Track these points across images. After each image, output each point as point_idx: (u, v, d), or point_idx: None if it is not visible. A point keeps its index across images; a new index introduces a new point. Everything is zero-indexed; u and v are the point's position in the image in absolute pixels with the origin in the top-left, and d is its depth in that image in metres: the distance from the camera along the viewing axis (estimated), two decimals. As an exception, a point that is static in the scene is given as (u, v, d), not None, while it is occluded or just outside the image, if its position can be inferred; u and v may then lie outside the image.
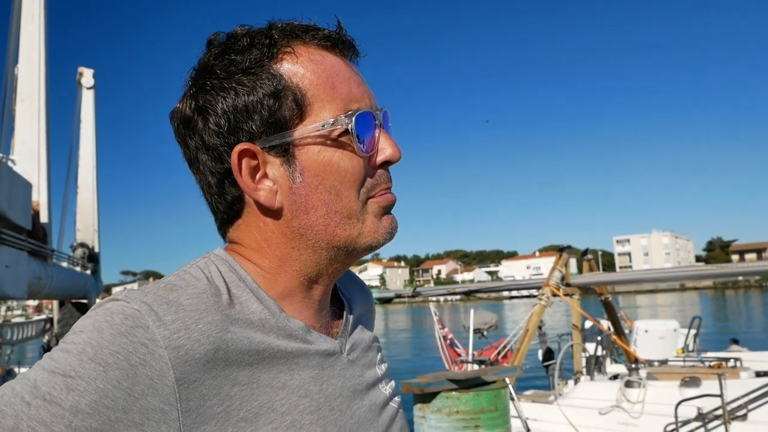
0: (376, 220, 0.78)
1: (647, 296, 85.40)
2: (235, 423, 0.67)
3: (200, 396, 0.64)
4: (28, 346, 22.21)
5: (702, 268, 9.48)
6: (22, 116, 13.06)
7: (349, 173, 0.76)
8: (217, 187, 0.77)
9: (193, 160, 0.78)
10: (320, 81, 0.75)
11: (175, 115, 0.79)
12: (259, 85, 0.73)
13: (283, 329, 0.73)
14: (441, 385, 5.46)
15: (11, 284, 9.17)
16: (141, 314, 0.64)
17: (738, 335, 13.39)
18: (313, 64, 0.76)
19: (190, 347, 0.64)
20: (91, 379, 0.59)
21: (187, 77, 0.79)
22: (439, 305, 70.16)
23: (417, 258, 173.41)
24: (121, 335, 0.62)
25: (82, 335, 0.63)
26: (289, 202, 0.75)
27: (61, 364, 0.61)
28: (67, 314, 16.37)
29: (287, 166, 0.75)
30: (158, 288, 0.68)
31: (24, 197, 10.23)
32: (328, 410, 0.75)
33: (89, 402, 0.59)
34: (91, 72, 19.54)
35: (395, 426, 0.86)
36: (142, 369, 0.61)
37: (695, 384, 6.33)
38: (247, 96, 0.73)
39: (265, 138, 0.74)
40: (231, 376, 0.67)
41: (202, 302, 0.68)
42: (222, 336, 0.67)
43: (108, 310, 0.64)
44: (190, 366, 0.64)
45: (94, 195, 19.10)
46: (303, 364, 0.74)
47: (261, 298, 0.74)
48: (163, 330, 0.63)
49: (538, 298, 8.58)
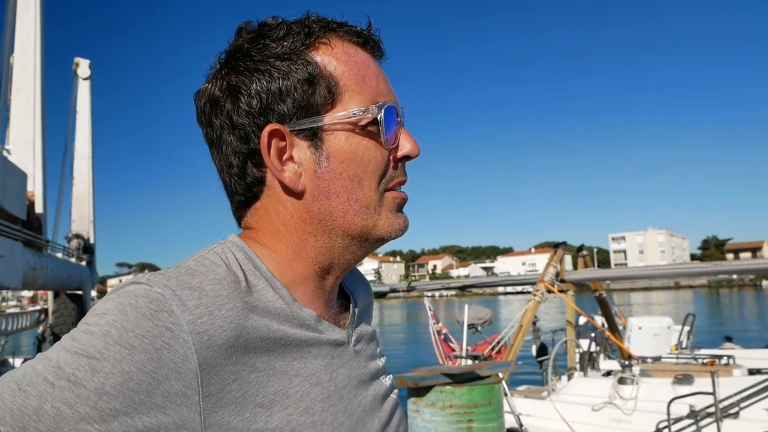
0: (390, 214, 0.80)
1: (642, 294, 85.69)
2: (252, 408, 0.68)
3: (220, 381, 0.65)
4: (23, 336, 22.18)
5: (696, 266, 9.53)
6: (18, 106, 13.00)
7: (372, 163, 0.78)
8: (239, 167, 0.78)
9: (215, 140, 0.79)
10: (352, 72, 0.78)
11: (201, 94, 0.80)
12: (294, 70, 0.76)
13: (296, 318, 0.75)
14: (435, 380, 5.47)
15: (6, 274, 9.15)
16: (165, 298, 0.64)
17: (731, 333, 13.46)
18: (346, 56, 0.79)
19: (213, 333, 0.65)
20: (116, 362, 0.60)
21: (217, 59, 0.81)
22: (434, 300, 70.31)
23: (413, 253, 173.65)
24: (146, 318, 0.62)
25: (106, 317, 0.63)
26: (312, 186, 0.77)
27: (85, 346, 0.61)
28: (62, 305, 16.35)
29: (314, 150, 0.77)
30: (179, 273, 0.68)
31: (19, 187, 10.20)
32: (338, 398, 0.76)
33: (114, 384, 0.59)
34: (87, 63, 19.47)
35: (396, 417, 0.88)
36: (167, 353, 0.62)
37: (688, 381, 6.36)
38: (281, 80, 0.75)
39: (295, 121, 0.76)
40: (249, 363, 0.68)
41: (224, 288, 0.68)
42: (243, 323, 0.68)
43: (131, 293, 0.65)
44: (213, 351, 0.65)
45: (89, 186, 19.05)
46: (315, 353, 0.76)
47: (275, 287, 0.75)
48: (188, 315, 0.64)
49: (533, 294, 8.59)
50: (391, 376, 0.93)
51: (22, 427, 0.57)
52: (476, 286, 12.60)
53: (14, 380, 0.60)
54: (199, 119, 0.81)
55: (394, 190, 0.81)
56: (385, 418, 0.84)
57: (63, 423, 0.58)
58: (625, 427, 6.40)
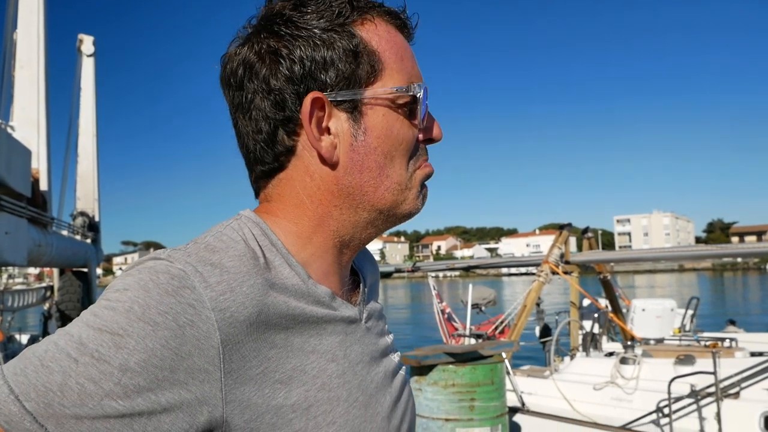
0: (417, 191, 0.81)
1: (646, 276, 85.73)
2: (271, 384, 0.68)
3: (241, 357, 0.65)
4: (29, 313, 22.34)
5: (701, 248, 9.48)
6: (22, 83, 12.97)
7: (405, 141, 0.79)
8: (269, 134, 0.76)
9: (243, 105, 0.77)
10: (392, 51, 0.79)
11: (232, 56, 0.78)
12: (340, 41, 0.75)
13: (312, 295, 0.74)
14: (438, 358, 5.50)
15: (11, 251, 9.20)
16: (187, 275, 0.64)
17: (735, 317, 13.45)
18: (387, 35, 0.79)
19: (235, 309, 0.65)
20: (140, 338, 0.60)
21: (249, 23, 0.79)
22: (438, 281, 70.43)
23: (417, 233, 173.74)
24: (168, 295, 0.62)
25: (128, 293, 0.62)
26: (346, 159, 0.77)
27: (108, 322, 0.61)
28: (68, 283, 16.43)
29: (352, 123, 0.76)
30: (199, 249, 0.68)
31: (23, 164, 10.21)
32: (352, 375, 0.76)
33: (138, 360, 0.59)
34: (91, 39, 19.35)
35: (405, 393, 0.88)
36: (190, 330, 0.62)
37: (689, 362, 6.37)
38: (326, 49, 0.75)
39: (337, 92, 0.75)
40: (269, 339, 0.68)
41: (244, 265, 0.68)
42: (263, 299, 0.68)
43: (152, 269, 0.64)
44: (235, 328, 0.65)
45: (94, 164, 19.05)
46: (330, 330, 0.76)
47: (291, 263, 0.74)
48: (210, 292, 0.64)
49: (537, 275, 8.59)
50: (399, 353, 0.93)
51: (47, 403, 0.57)
52: (481, 266, 12.62)
53: (36, 356, 0.60)
54: (227, 82, 0.79)
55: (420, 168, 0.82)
56: (396, 393, 0.85)
57: (87, 399, 0.58)
58: (626, 405, 6.43)
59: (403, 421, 0.86)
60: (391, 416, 0.82)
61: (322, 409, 0.71)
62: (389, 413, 0.82)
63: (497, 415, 5.45)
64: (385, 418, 0.80)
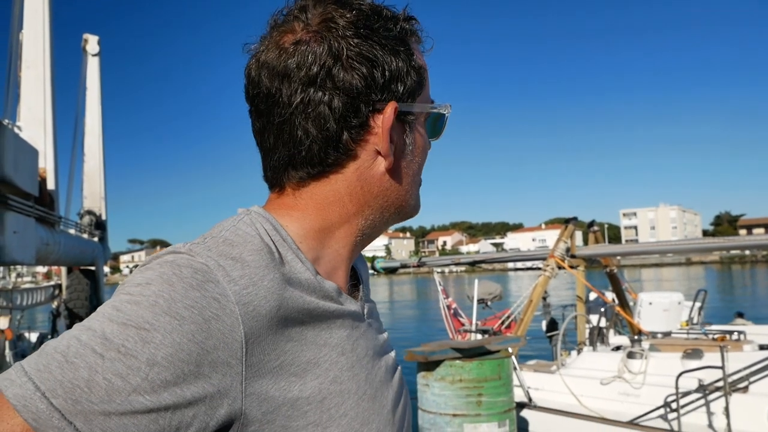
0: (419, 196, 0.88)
1: (653, 270, 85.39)
2: (287, 378, 0.69)
3: (261, 351, 0.66)
4: (38, 311, 22.46)
5: (708, 241, 9.45)
6: (28, 83, 13.01)
7: (426, 152, 0.86)
8: (334, 136, 0.75)
9: (309, 103, 0.74)
10: (426, 69, 0.83)
11: (308, 50, 0.74)
12: (409, 55, 0.78)
13: (321, 290, 0.75)
14: (445, 354, 5.50)
15: (19, 249, 9.24)
16: (210, 269, 0.64)
17: (743, 309, 13.39)
18: (423, 55, 0.84)
19: (258, 303, 0.66)
20: (166, 333, 0.60)
21: (306, 17, 0.76)
22: (444, 276, 70.30)
23: (422, 229, 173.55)
24: (193, 289, 0.62)
25: (151, 287, 0.62)
26: (396, 166, 0.80)
27: (132, 317, 0.60)
28: (76, 281, 16.53)
29: (408, 134, 0.81)
30: (218, 243, 0.68)
31: (31, 164, 10.24)
32: (360, 368, 0.78)
33: (165, 355, 0.59)
34: (96, 39, 19.42)
35: (403, 387, 0.90)
36: (215, 324, 0.62)
37: (697, 356, 6.35)
38: (402, 61, 0.77)
39: (402, 103, 0.78)
40: (286, 333, 0.69)
41: (262, 259, 0.69)
42: (283, 293, 0.69)
43: (173, 264, 0.64)
44: (257, 322, 0.65)
45: (100, 163, 19.13)
46: (339, 324, 0.77)
47: (301, 259, 0.75)
48: (233, 286, 0.64)
49: (543, 269, 8.57)
50: (394, 350, 0.95)
51: (75, 400, 0.57)
52: (487, 261, 12.59)
53: (58, 351, 0.59)
54: (287, 75, 0.74)
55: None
56: (396, 388, 0.86)
57: (115, 395, 0.57)
58: (633, 400, 6.41)
59: (404, 415, 0.87)
60: (395, 410, 0.84)
61: (334, 402, 0.72)
62: (393, 406, 0.83)
63: (505, 411, 5.45)
64: (390, 411, 0.82)
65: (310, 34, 0.75)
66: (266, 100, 0.77)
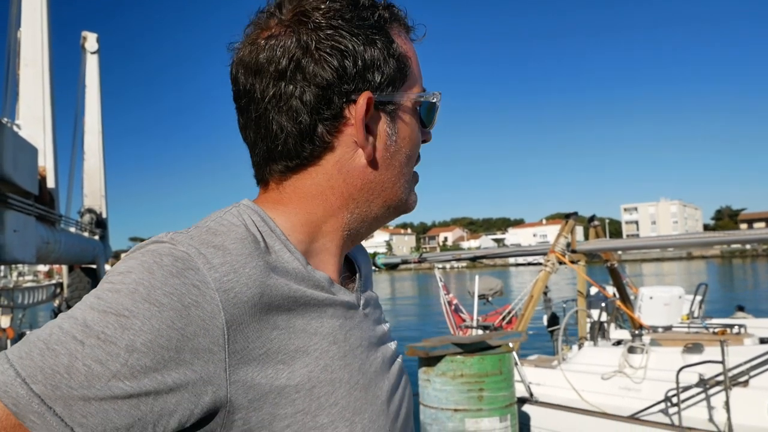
0: (414, 191, 0.87)
1: (654, 264, 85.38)
2: (274, 365, 0.69)
3: (245, 338, 0.66)
4: (39, 310, 22.49)
5: (709, 235, 9.45)
6: (26, 81, 13.01)
7: (417, 144, 0.84)
8: (307, 129, 0.75)
9: (281, 97, 0.75)
10: (414, 58, 0.83)
11: (271, 46, 0.75)
12: (387, 43, 0.78)
13: (311, 279, 0.76)
14: (446, 349, 5.50)
15: (19, 248, 9.25)
16: (190, 256, 0.65)
17: (744, 303, 13.38)
18: (411, 43, 0.84)
19: (239, 290, 0.66)
20: (146, 319, 0.60)
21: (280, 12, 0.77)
22: (445, 272, 70.45)
23: (423, 225, 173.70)
24: (173, 276, 0.63)
25: (131, 275, 0.63)
26: (378, 158, 0.79)
27: (112, 304, 0.61)
28: (77, 279, 16.55)
29: (389, 124, 0.79)
30: (201, 232, 0.69)
31: (30, 162, 10.24)
32: (353, 358, 0.78)
33: (144, 341, 0.60)
34: (95, 36, 19.39)
35: (402, 380, 0.90)
36: (195, 310, 0.63)
37: (698, 350, 6.35)
38: (378, 50, 0.77)
39: (380, 93, 0.77)
40: (272, 321, 0.69)
41: (245, 247, 0.69)
42: (266, 281, 0.69)
43: (155, 252, 0.65)
44: (239, 309, 0.66)
45: (100, 161, 19.13)
46: (330, 313, 0.77)
47: (290, 249, 0.76)
48: (214, 273, 0.65)
49: (544, 265, 8.57)
50: (395, 342, 0.95)
51: (54, 385, 0.57)
52: (488, 256, 12.57)
53: (40, 339, 0.60)
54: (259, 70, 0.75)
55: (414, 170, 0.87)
56: (393, 380, 0.86)
57: (95, 380, 0.58)
58: (634, 395, 6.42)
59: (401, 407, 0.87)
60: (390, 401, 0.83)
61: (324, 390, 0.72)
62: (388, 397, 0.83)
63: (506, 405, 5.46)
64: (385, 402, 0.81)
65: (281, 28, 0.76)
66: (245, 97, 0.78)
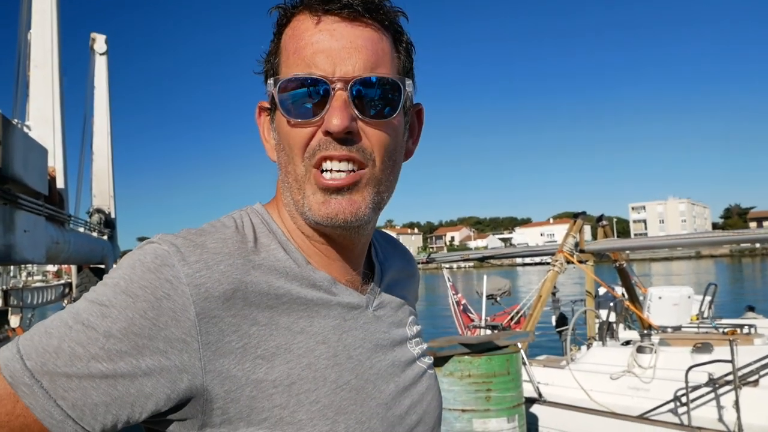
0: (315, 196, 0.76)
1: (662, 264, 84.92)
2: (252, 359, 0.72)
3: (219, 331, 0.71)
4: (49, 310, 22.61)
5: (718, 234, 9.38)
6: (36, 82, 13.08)
7: (289, 137, 0.76)
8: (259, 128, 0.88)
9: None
10: (295, 46, 0.76)
11: None
12: (277, 38, 0.81)
13: (307, 279, 0.78)
14: (453, 349, 5.49)
15: (30, 248, 9.30)
16: (169, 254, 0.70)
17: (754, 303, 13.30)
18: (300, 29, 0.77)
19: (210, 285, 0.70)
20: (121, 309, 0.67)
21: None
22: (453, 272, 70.10)
23: (430, 225, 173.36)
24: (150, 272, 0.69)
25: (119, 271, 0.71)
26: (278, 159, 0.81)
27: (99, 296, 0.69)
28: (85, 279, 16.64)
29: (272, 123, 0.82)
30: (189, 232, 0.75)
31: (40, 163, 10.29)
32: (346, 358, 0.79)
33: (120, 328, 0.67)
34: (103, 38, 19.48)
35: (422, 384, 0.89)
36: (166, 302, 0.68)
37: (707, 350, 6.31)
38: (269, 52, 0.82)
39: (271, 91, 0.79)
40: (250, 316, 0.72)
41: (226, 246, 0.74)
42: (242, 278, 0.72)
43: (143, 250, 0.72)
44: (210, 302, 0.70)
45: (109, 161, 19.22)
46: (324, 313, 0.78)
47: (288, 249, 0.79)
48: (187, 269, 0.70)
49: (552, 264, 8.54)
50: (425, 346, 0.95)
51: (43, 362, 0.65)
52: (496, 257, 12.56)
53: (44, 325, 0.69)
54: None
55: (319, 169, 0.75)
56: (405, 383, 0.85)
57: (76, 360, 0.65)
58: (643, 395, 6.39)
59: (411, 412, 0.85)
60: (394, 405, 0.82)
61: (305, 388, 0.74)
62: (390, 401, 0.82)
63: (514, 406, 5.44)
64: (382, 405, 0.81)
65: None
66: None
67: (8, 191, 8.43)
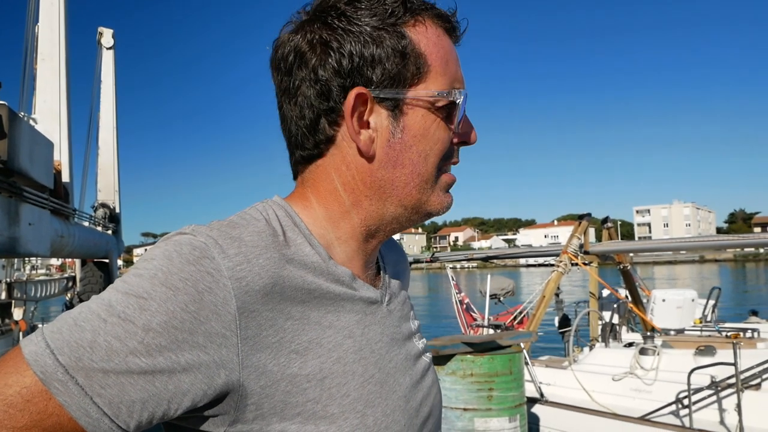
0: (441, 192, 0.84)
1: (666, 268, 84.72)
2: (287, 354, 0.72)
3: (257, 325, 0.70)
4: (52, 303, 22.68)
5: (722, 238, 9.36)
6: (43, 75, 13.12)
7: (439, 143, 0.82)
8: (312, 121, 0.80)
9: (290, 90, 0.81)
10: (439, 54, 0.81)
11: (285, 43, 0.81)
12: (389, 40, 0.78)
13: (331, 274, 0.78)
14: (456, 348, 5.49)
15: (34, 242, 9.33)
16: (207, 246, 0.69)
17: (758, 307, 13.27)
18: (436, 38, 0.82)
19: (251, 279, 0.69)
20: (162, 301, 0.65)
21: (303, 11, 0.82)
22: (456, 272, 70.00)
23: (434, 225, 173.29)
24: (189, 264, 0.67)
25: (154, 262, 0.68)
26: (382, 154, 0.80)
27: (134, 287, 0.66)
28: (89, 273, 16.65)
29: (392, 120, 0.80)
30: (222, 225, 0.73)
31: (46, 156, 10.31)
32: (369, 352, 0.80)
33: (159, 322, 0.64)
34: (110, 32, 19.53)
35: (428, 377, 0.91)
36: (208, 296, 0.66)
37: (710, 353, 6.30)
38: (375, 47, 0.77)
39: (381, 89, 0.78)
40: (285, 311, 0.72)
41: (262, 240, 0.73)
42: (279, 272, 0.72)
43: (177, 242, 0.70)
44: (250, 296, 0.69)
45: (114, 156, 19.26)
46: (348, 308, 0.79)
47: (312, 243, 0.78)
48: (228, 262, 0.68)
49: (556, 265, 8.54)
50: (425, 340, 0.96)
51: (78, 358, 0.62)
52: (500, 257, 12.58)
53: (71, 317, 0.65)
54: (276, 66, 0.82)
55: (447, 172, 0.85)
56: (417, 377, 0.87)
57: (114, 355, 0.63)
58: (645, 396, 6.39)
59: (423, 405, 0.87)
60: (410, 397, 0.84)
61: (336, 381, 0.74)
62: (407, 394, 0.84)
63: (515, 405, 5.44)
64: (402, 398, 0.82)
65: (298, 26, 0.81)
66: (276, 90, 0.85)
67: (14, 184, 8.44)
